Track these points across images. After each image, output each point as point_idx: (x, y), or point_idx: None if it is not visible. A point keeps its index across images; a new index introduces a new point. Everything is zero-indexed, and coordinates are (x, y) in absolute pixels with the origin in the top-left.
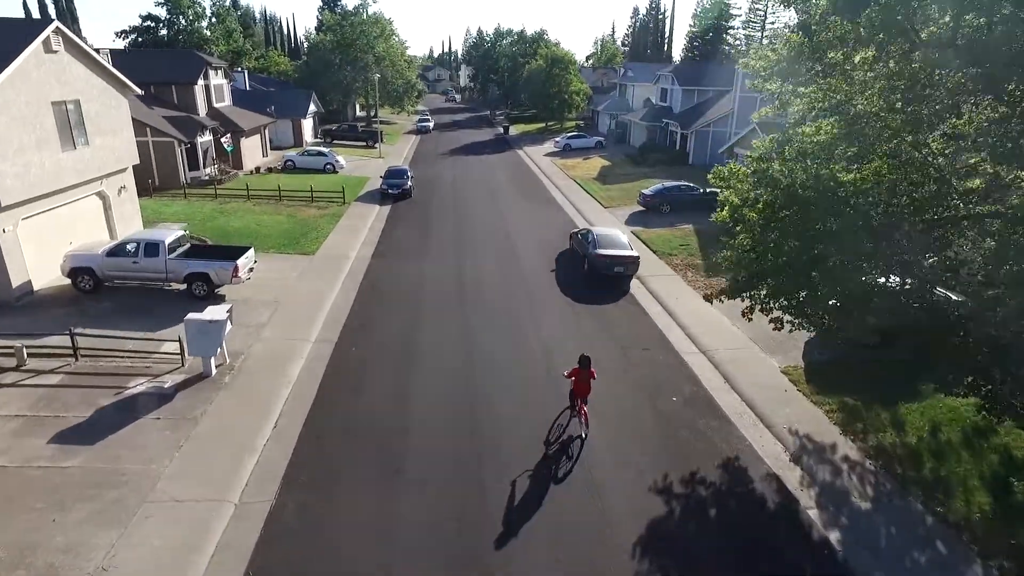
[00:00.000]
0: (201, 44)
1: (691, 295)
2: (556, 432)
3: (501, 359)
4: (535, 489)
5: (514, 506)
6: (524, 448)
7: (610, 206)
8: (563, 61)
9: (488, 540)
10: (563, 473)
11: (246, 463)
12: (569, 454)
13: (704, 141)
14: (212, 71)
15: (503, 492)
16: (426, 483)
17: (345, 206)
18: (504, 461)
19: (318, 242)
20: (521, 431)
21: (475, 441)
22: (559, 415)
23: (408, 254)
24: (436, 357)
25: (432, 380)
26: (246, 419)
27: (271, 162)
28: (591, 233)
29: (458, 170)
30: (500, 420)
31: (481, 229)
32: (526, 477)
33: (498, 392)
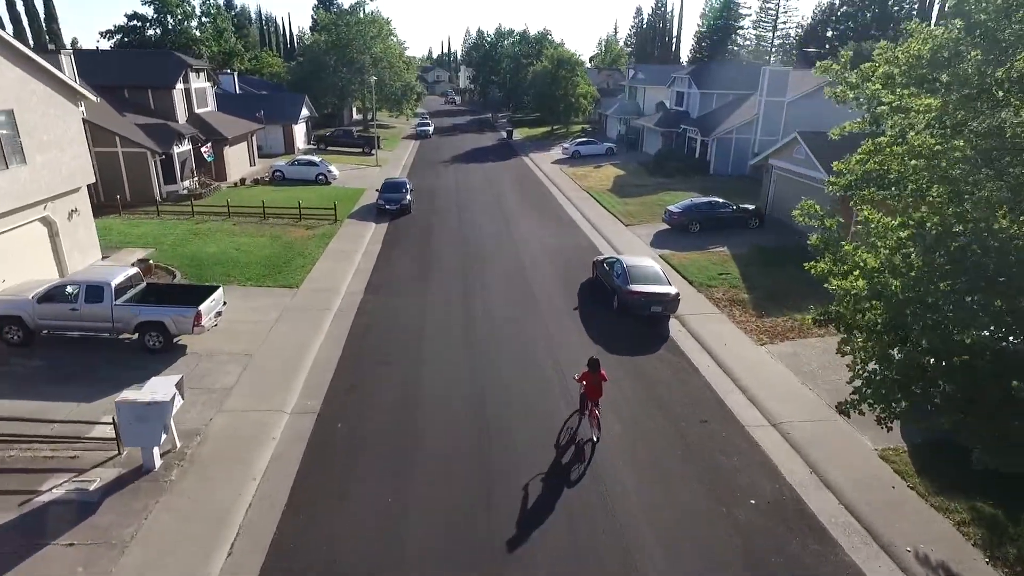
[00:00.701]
0: (190, 45)
1: (743, 340)
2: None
3: (523, 439)
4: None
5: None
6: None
7: (631, 223)
8: (570, 62)
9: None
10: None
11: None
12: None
13: (726, 149)
14: (193, 73)
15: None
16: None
17: (337, 225)
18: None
19: (303, 271)
20: (553, 551)
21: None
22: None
23: (406, 288)
24: (442, 436)
25: (438, 478)
26: (191, 544)
27: (258, 172)
28: (620, 264)
29: (461, 180)
30: (527, 537)
31: (490, 254)
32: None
33: (519, 496)
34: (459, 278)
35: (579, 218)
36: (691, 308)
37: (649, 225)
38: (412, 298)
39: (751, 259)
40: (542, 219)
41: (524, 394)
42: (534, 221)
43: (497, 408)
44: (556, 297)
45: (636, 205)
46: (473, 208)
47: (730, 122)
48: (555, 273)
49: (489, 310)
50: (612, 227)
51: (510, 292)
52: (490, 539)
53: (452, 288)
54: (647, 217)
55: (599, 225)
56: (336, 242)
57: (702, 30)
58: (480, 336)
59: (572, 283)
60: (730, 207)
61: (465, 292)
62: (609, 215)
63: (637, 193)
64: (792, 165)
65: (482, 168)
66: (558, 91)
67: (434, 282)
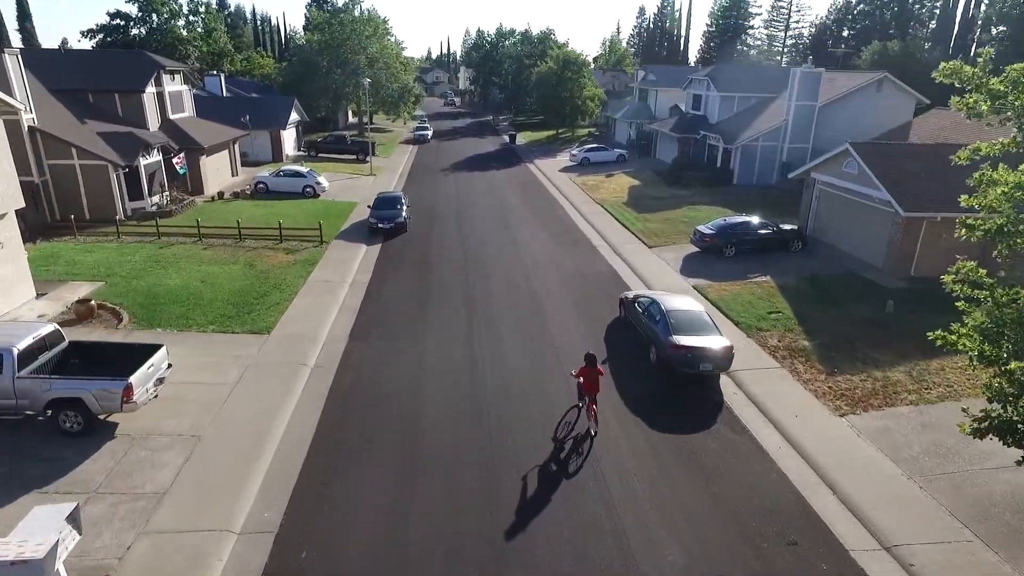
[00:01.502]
0: (175, 44)
1: (815, 409)
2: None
3: (550, 559)
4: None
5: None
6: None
7: (655, 245)
8: (576, 63)
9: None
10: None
11: None
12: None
13: (751, 158)
14: (167, 76)
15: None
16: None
17: (322, 248)
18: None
19: (278, 310)
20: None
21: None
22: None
23: (400, 332)
24: (445, 563)
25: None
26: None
27: (241, 184)
28: (658, 306)
29: (462, 191)
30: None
31: (497, 283)
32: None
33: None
34: (463, 316)
35: (596, 238)
36: (744, 360)
37: (675, 247)
38: (406, 345)
39: (802, 293)
40: (554, 239)
41: (551, 485)
42: (546, 242)
43: (519, 508)
44: (579, 342)
45: (658, 222)
46: (476, 225)
47: (755, 128)
48: (575, 310)
49: (500, 360)
50: (634, 249)
51: (524, 336)
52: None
53: (455, 330)
54: (672, 237)
55: (619, 247)
56: (320, 270)
57: (711, 30)
58: (491, 400)
59: (596, 322)
60: (770, 227)
61: (470, 336)
62: (628, 234)
63: (656, 207)
64: (841, 180)
65: (484, 177)
66: (564, 93)
67: (433, 323)
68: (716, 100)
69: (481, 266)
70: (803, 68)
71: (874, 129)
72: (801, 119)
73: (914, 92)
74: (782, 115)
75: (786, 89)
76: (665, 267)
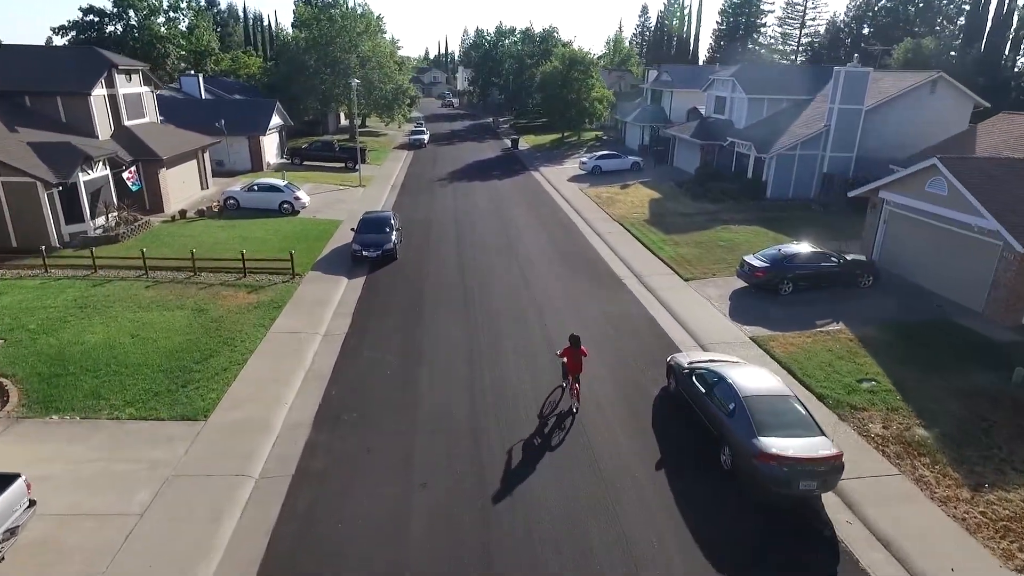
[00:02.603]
0: (154, 43)
1: (977, 554)
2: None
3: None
4: None
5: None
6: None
7: (692, 277)
8: (583, 62)
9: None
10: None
11: None
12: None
13: (787, 169)
14: (122, 75)
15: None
16: None
17: (295, 282)
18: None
19: (224, 380)
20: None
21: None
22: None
23: (383, 410)
24: None
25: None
26: None
27: (209, 199)
28: (727, 386)
29: (462, 206)
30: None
31: (508, 339)
32: None
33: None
34: (464, 386)
35: (620, 267)
36: (847, 459)
37: (717, 281)
38: (390, 439)
39: (892, 348)
40: (572, 271)
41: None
42: (563, 276)
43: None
44: (619, 435)
45: (689, 246)
46: (479, 252)
47: (792, 135)
48: (610, 380)
49: (517, 461)
50: (667, 283)
51: (548, 431)
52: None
53: (454, 412)
54: (709, 266)
55: (649, 280)
56: (287, 316)
57: (721, 28)
58: (507, 532)
59: (637, 397)
60: (834, 259)
61: (474, 421)
62: (656, 261)
63: (684, 226)
64: (922, 203)
65: (486, 188)
66: (570, 95)
67: (426, 397)
68: (743, 103)
69: (487, 311)
70: (848, 67)
71: (928, 136)
72: (845, 125)
73: (972, 94)
74: (821, 120)
75: (821, 91)
76: (709, 309)
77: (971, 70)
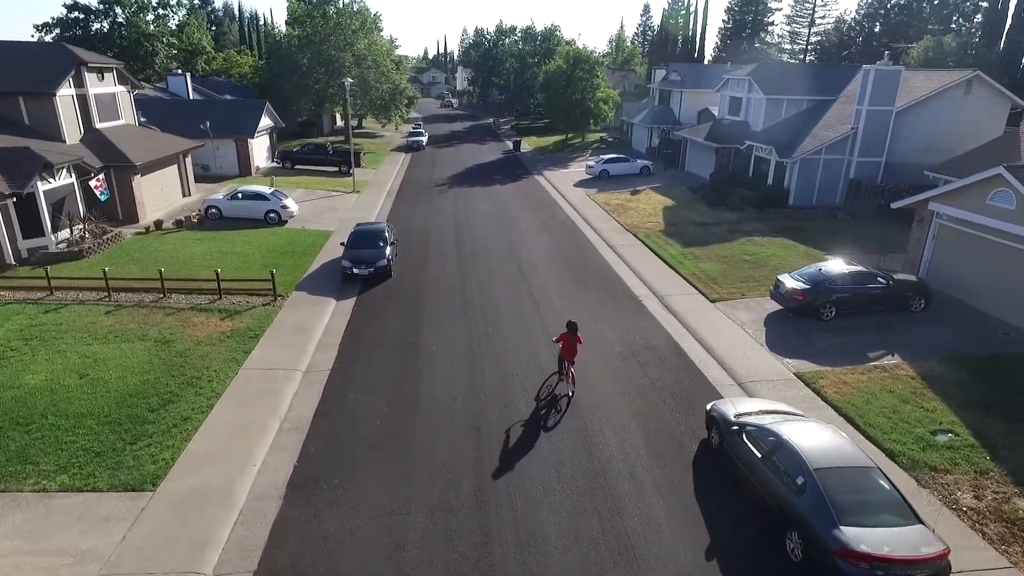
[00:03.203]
0: (142, 41)
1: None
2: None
3: None
4: None
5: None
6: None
7: (719, 298)
8: (588, 61)
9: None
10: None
11: None
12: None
13: (811, 174)
14: (93, 74)
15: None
16: None
17: (276, 305)
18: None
19: (182, 434)
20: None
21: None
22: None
23: (371, 475)
24: None
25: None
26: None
27: (190, 207)
28: (791, 451)
29: (463, 214)
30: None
31: (516, 374)
32: None
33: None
34: (469, 442)
35: (637, 285)
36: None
37: (747, 302)
38: (379, 520)
39: (964, 388)
40: (584, 288)
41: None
42: (574, 292)
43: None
44: (655, 505)
45: (712, 260)
46: (482, 267)
47: (816, 138)
48: (635, 423)
49: (538, 538)
50: (692, 305)
51: (567, 471)
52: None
53: (457, 480)
54: (736, 284)
55: (671, 300)
56: (264, 347)
57: (727, 26)
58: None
59: (671, 452)
60: (882, 280)
61: (481, 492)
62: (676, 278)
63: (703, 238)
64: (984, 217)
65: (488, 194)
66: (574, 95)
67: (423, 457)
68: (761, 104)
69: (492, 338)
70: (878, 65)
71: (963, 140)
72: (874, 127)
73: (1011, 94)
74: (846, 122)
75: (843, 91)
76: (743, 337)
77: (995, 69)
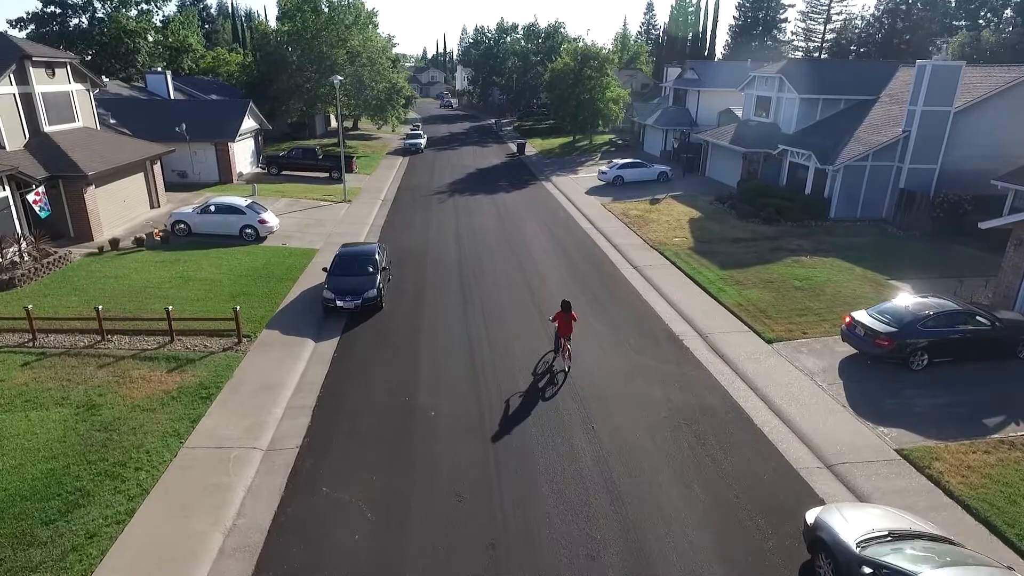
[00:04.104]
0: (122, 37)
1: None
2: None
3: None
4: None
5: None
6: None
7: (775, 336)
8: (597, 58)
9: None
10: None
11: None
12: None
13: (856, 183)
14: (41, 69)
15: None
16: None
17: (240, 349)
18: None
19: (82, 566)
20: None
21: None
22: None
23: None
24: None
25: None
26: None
27: (157, 221)
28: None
29: (465, 228)
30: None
31: (539, 448)
32: None
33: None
34: (478, 553)
35: (673, 318)
36: None
37: (810, 343)
38: None
39: None
40: (612, 324)
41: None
42: (601, 331)
43: None
44: None
45: (757, 287)
46: (489, 295)
47: (862, 142)
48: (705, 538)
49: None
50: (745, 348)
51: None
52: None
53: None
54: (792, 317)
55: (718, 340)
56: (218, 413)
57: (739, 22)
58: None
59: (753, 573)
60: (981, 318)
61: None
62: (720, 310)
63: (742, 258)
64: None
65: (493, 204)
66: (583, 94)
67: None
68: (793, 104)
69: (506, 391)
70: (935, 60)
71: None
72: (929, 130)
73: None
74: (894, 124)
75: (885, 89)
76: (817, 394)
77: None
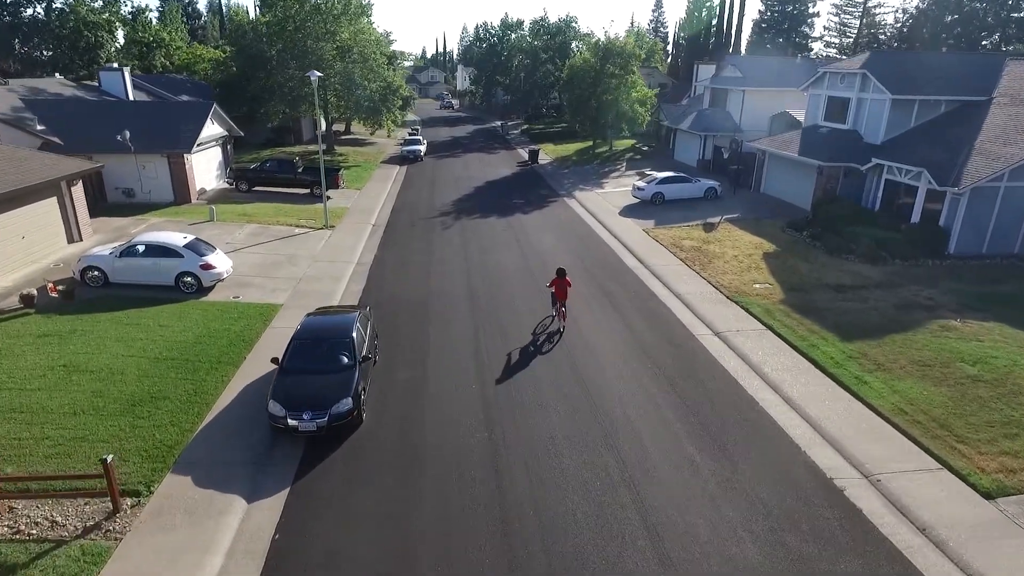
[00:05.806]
0: (82, 30)
1: None
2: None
3: None
4: None
5: None
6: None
7: (996, 487)
8: (621, 55)
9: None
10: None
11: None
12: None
13: (985, 209)
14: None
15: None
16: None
17: (114, 526)
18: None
19: None
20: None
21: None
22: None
23: None
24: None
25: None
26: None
27: (67, 264)
28: None
29: (477, 269)
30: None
31: None
32: None
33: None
34: None
35: (807, 436)
36: None
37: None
38: None
39: None
40: (712, 449)
41: None
42: (696, 461)
43: None
44: None
45: (912, 376)
46: (522, 386)
47: (990, 157)
48: None
49: None
50: (949, 510)
51: None
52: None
53: None
54: (999, 439)
55: (893, 484)
56: None
57: (765, 17)
58: None
59: None
60: None
61: None
62: (871, 417)
63: (859, 317)
64: None
65: (510, 230)
66: (606, 95)
67: None
68: (882, 107)
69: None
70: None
71: None
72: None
73: None
74: (1022, 132)
75: (998, 87)
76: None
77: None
